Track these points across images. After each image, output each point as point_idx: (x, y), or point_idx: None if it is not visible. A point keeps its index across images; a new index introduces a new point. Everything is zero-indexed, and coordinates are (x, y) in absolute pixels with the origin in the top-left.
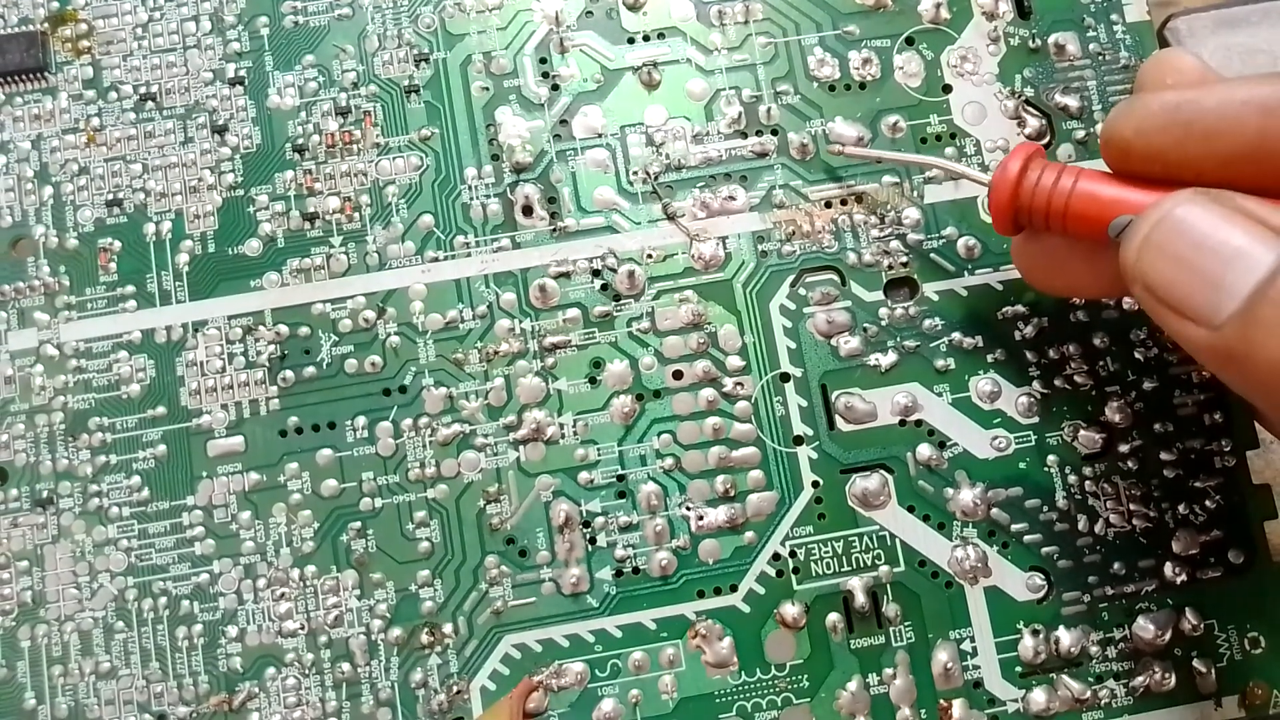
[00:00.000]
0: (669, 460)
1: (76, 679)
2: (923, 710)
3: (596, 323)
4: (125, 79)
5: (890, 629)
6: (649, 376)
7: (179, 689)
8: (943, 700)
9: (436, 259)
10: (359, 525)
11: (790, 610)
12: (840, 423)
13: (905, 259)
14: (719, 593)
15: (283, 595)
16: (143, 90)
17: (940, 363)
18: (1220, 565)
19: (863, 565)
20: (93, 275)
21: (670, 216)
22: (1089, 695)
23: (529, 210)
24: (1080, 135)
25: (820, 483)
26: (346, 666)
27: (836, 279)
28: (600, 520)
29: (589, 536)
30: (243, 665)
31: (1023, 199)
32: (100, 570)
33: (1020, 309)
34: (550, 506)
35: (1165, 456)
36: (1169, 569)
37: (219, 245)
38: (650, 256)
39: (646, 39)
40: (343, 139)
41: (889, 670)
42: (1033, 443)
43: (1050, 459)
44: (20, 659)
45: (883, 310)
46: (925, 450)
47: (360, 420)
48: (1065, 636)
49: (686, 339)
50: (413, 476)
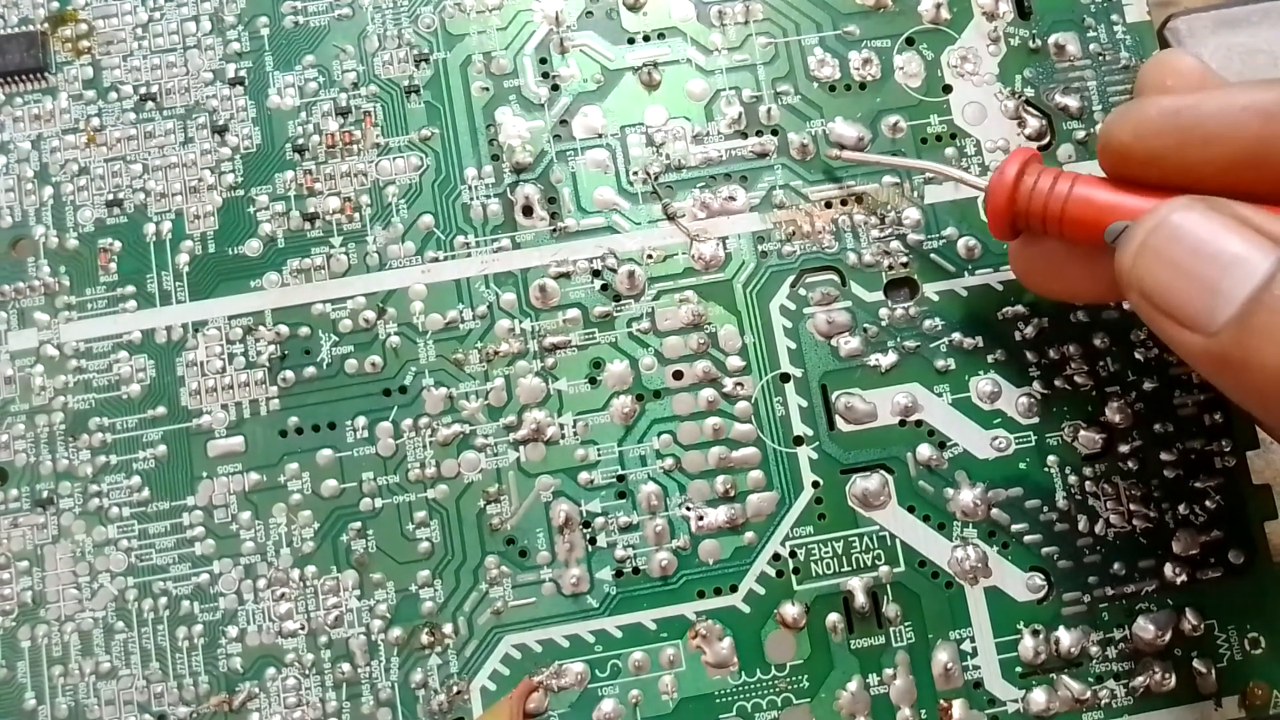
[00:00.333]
0: (669, 460)
1: (77, 679)
2: (923, 710)
3: (596, 323)
4: (125, 79)
5: (890, 629)
6: (649, 377)
7: (179, 689)
8: (943, 700)
9: (436, 259)
10: (359, 525)
11: (790, 610)
12: (840, 423)
13: (905, 259)
14: (719, 593)
15: (283, 595)
16: (143, 90)
17: (940, 363)
18: (1220, 565)
19: (863, 565)
20: (93, 275)
21: (670, 217)
22: (1089, 695)
23: (529, 210)
24: (1080, 135)
25: (820, 483)
26: (347, 667)
27: (837, 279)
28: (600, 520)
29: (589, 537)
30: (243, 665)
31: (1019, 204)
32: (100, 570)
33: (1020, 309)
34: (550, 507)
35: (1165, 457)
36: (1169, 569)
37: (219, 245)
38: (650, 257)
39: (646, 39)
40: (343, 139)
41: (889, 670)
42: (1033, 443)
43: (1050, 459)
44: (20, 659)
45: (883, 310)
46: (925, 450)
47: (360, 420)
48: (1065, 637)
49: (687, 339)
50: (413, 477)
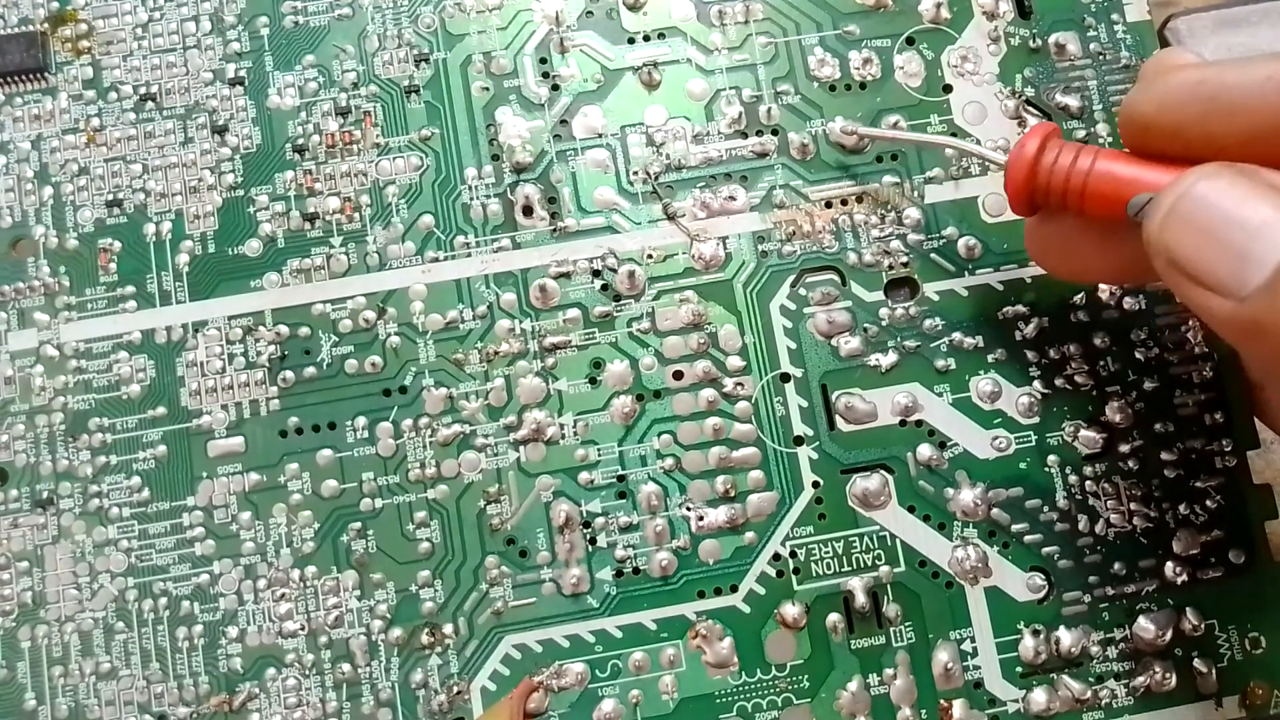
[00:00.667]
0: (669, 460)
1: (77, 680)
2: (923, 710)
3: (597, 323)
4: (125, 79)
5: (891, 629)
6: (649, 377)
7: (179, 689)
8: (943, 700)
9: (437, 259)
10: (359, 526)
11: (790, 610)
12: (840, 423)
13: (906, 259)
14: (719, 593)
15: (283, 596)
16: (143, 90)
17: (941, 363)
18: (1221, 565)
19: (863, 565)
20: (93, 276)
21: (670, 217)
22: (1089, 695)
23: (529, 210)
24: (1081, 135)
25: (820, 483)
26: (347, 667)
27: (837, 279)
28: (600, 520)
29: (589, 537)
30: (243, 666)
31: (1040, 178)
32: (100, 571)
33: (1021, 309)
34: (550, 507)
35: (1166, 456)
36: (1170, 569)
37: (219, 245)
38: (650, 257)
39: (647, 39)
40: (343, 139)
41: (889, 670)
42: (1033, 443)
43: (1051, 459)
44: (20, 660)
45: (883, 310)
46: (926, 450)
47: (360, 420)
48: (1066, 636)
49: (687, 339)
50: (413, 477)
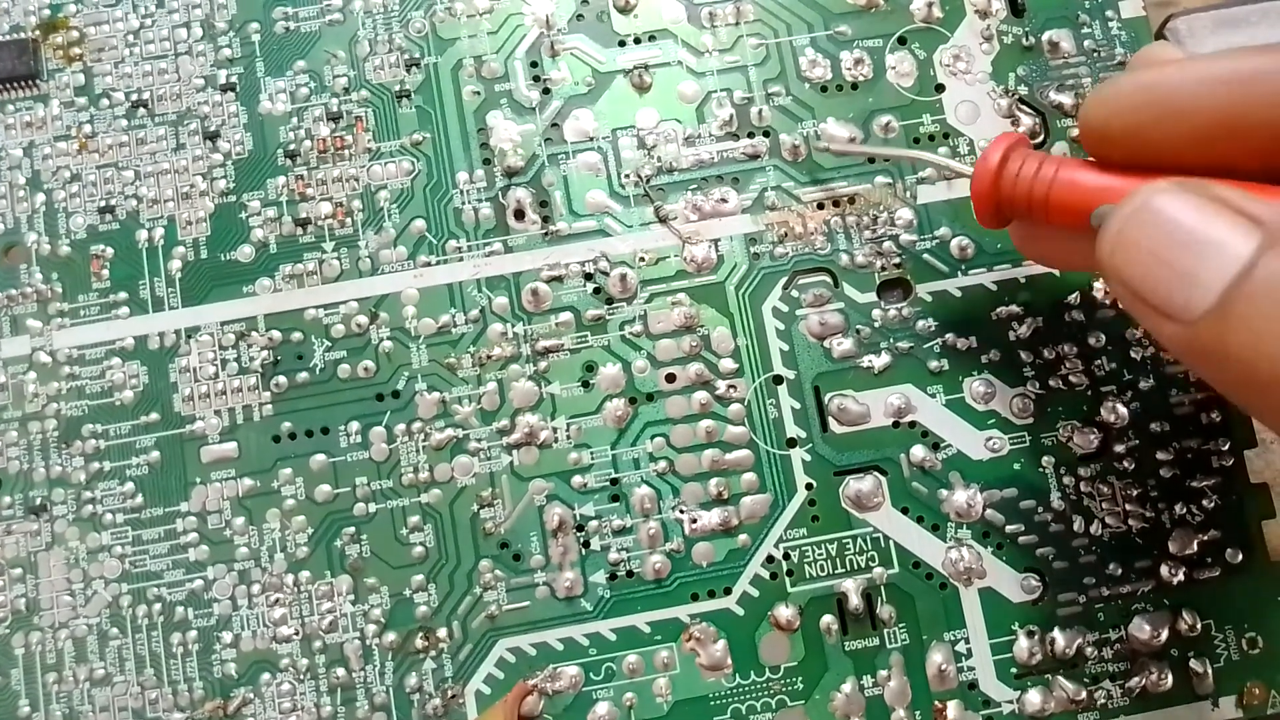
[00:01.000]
0: (662, 463)
1: (71, 686)
2: (917, 712)
3: (589, 326)
4: (117, 86)
5: (885, 631)
6: (642, 380)
7: (173, 695)
8: (937, 702)
9: (429, 263)
10: (353, 530)
11: (784, 612)
12: (833, 425)
13: (898, 260)
14: (713, 595)
15: (277, 601)
16: (134, 97)
17: (934, 364)
18: (1218, 565)
19: (857, 567)
20: (85, 282)
21: (662, 219)
22: (1084, 696)
23: (521, 214)
24: (1075, 133)
25: (814, 485)
26: (341, 671)
27: (829, 281)
28: (594, 524)
29: (583, 540)
30: (237, 671)
31: (1004, 190)
32: (94, 577)
33: (1014, 309)
34: (544, 510)
35: (1162, 456)
36: (1165, 569)
37: (211, 251)
38: (642, 259)
39: (638, 41)
40: (334, 144)
41: (883, 672)
42: (1027, 443)
43: (1045, 460)
44: (14, 666)
45: (876, 312)
46: (919, 452)
47: (353, 425)
48: (1061, 637)
49: (679, 342)
50: (406, 481)
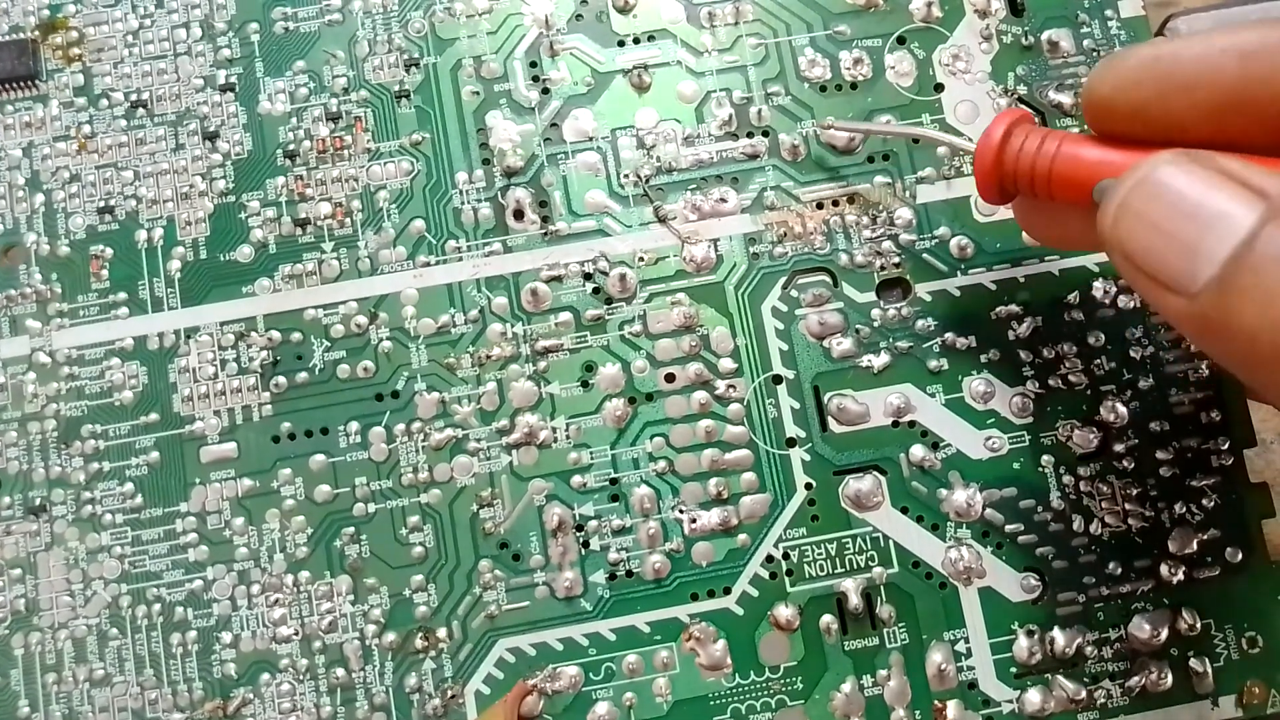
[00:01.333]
0: (662, 463)
1: (70, 686)
2: (917, 711)
3: (588, 326)
4: (116, 86)
5: (884, 630)
6: (641, 379)
7: (173, 695)
8: (937, 701)
9: (428, 264)
10: (352, 530)
11: (784, 612)
12: (833, 424)
13: (897, 260)
14: (712, 595)
15: (277, 601)
16: (134, 97)
17: (933, 363)
18: (1218, 564)
19: (856, 567)
20: (84, 282)
21: (661, 219)
22: (1084, 696)
23: (520, 214)
24: (1075, 132)
25: (813, 484)
26: (341, 672)
27: (828, 280)
28: (593, 524)
29: (582, 540)
30: (237, 671)
31: (1006, 165)
32: (94, 577)
33: (1014, 308)
34: (543, 510)
35: (1162, 455)
36: (1165, 568)
37: (211, 251)
38: (642, 259)
39: (637, 41)
40: (334, 144)
41: (883, 672)
42: (1027, 443)
43: (1045, 459)
44: (14, 666)
45: (875, 311)
46: (918, 451)
47: (353, 425)
48: (1060, 637)
49: (678, 342)
50: (406, 481)
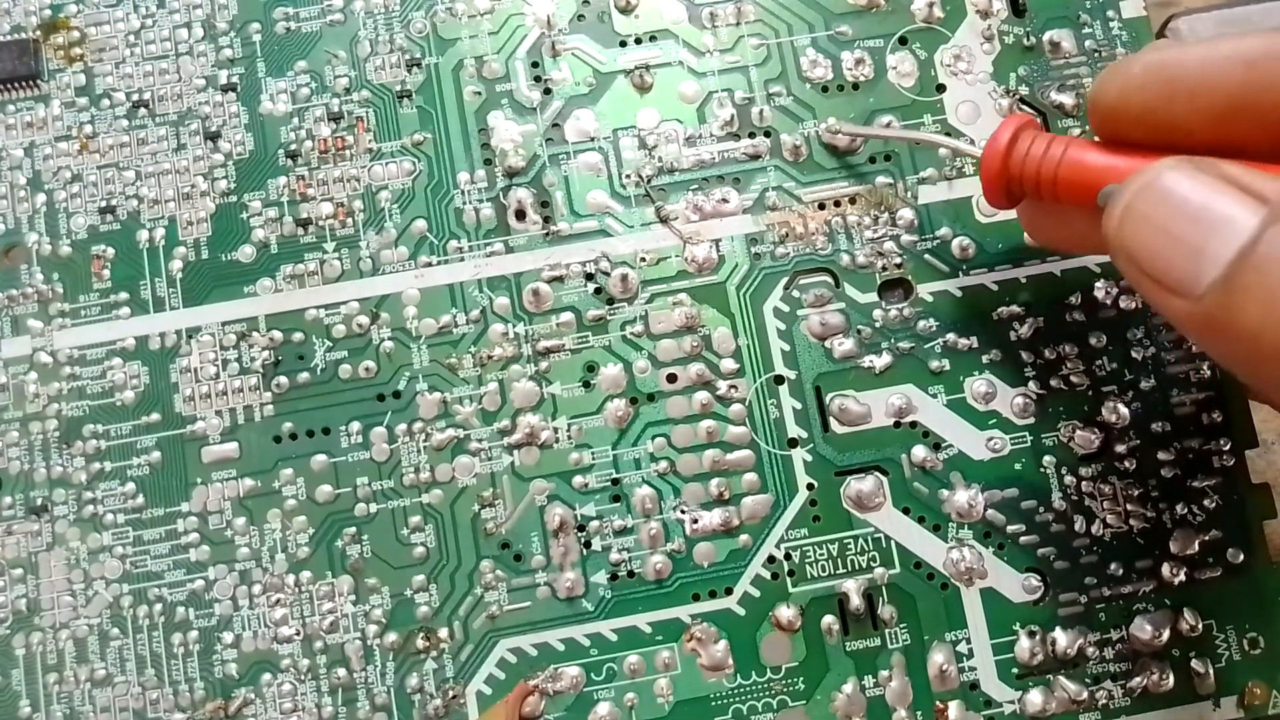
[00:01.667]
0: (663, 464)
1: (71, 686)
2: (919, 712)
3: (590, 326)
4: (118, 86)
5: (886, 631)
6: (643, 380)
7: (174, 696)
8: (939, 702)
9: (430, 264)
10: (354, 530)
11: (785, 613)
12: (834, 425)
13: (899, 260)
14: (714, 596)
15: (278, 601)
16: (135, 97)
17: (935, 364)
18: (1219, 565)
19: (858, 567)
20: (86, 282)
21: (663, 220)
22: (1086, 696)
23: (522, 214)
24: (1077, 133)
25: (815, 485)
26: (342, 672)
27: (830, 281)
28: (595, 524)
29: (584, 540)
30: (238, 671)
31: (1013, 169)
32: (95, 577)
33: (1016, 309)
34: (545, 510)
35: (1163, 456)
36: (1167, 569)
37: (212, 251)
38: (643, 260)
39: (639, 41)
40: (335, 144)
41: (885, 672)
42: (1028, 443)
43: (1046, 460)
44: (15, 667)
45: (877, 312)
46: (920, 452)
47: (354, 425)
48: (1062, 637)
49: (680, 342)
50: (407, 481)
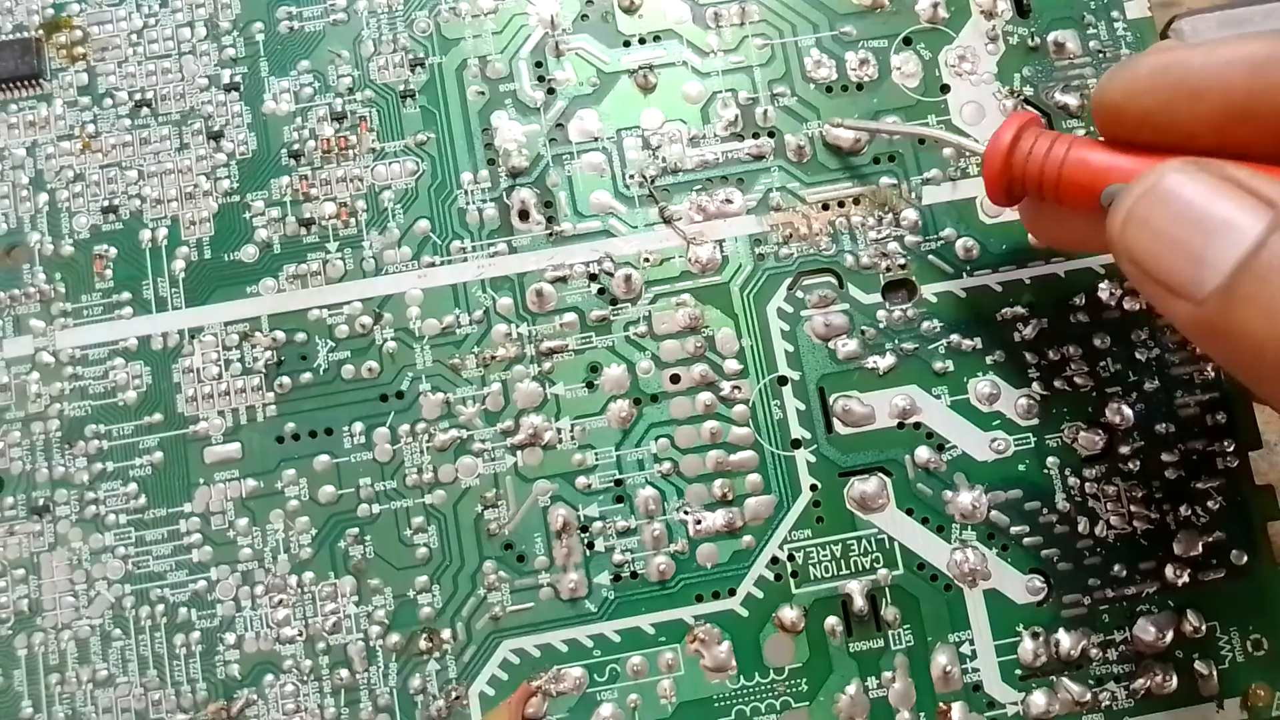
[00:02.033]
0: (666, 464)
1: (74, 687)
2: (922, 713)
3: (593, 327)
4: (120, 85)
5: (889, 632)
6: (646, 380)
7: (177, 697)
8: (942, 703)
9: (433, 264)
10: (357, 531)
11: (789, 614)
12: (838, 426)
13: (903, 261)
14: (717, 597)
15: (281, 602)
16: (138, 97)
17: (939, 365)
18: (1223, 566)
19: (861, 568)
20: (88, 282)
21: (667, 220)
22: (1089, 698)
23: (525, 215)
24: (1081, 134)
25: (818, 486)
26: (345, 673)
27: (834, 281)
28: (598, 525)
29: (587, 541)
30: (241, 672)
31: (1015, 168)
32: (97, 578)
33: (1020, 310)
34: (548, 511)
35: (1167, 458)
36: (1170, 571)
37: (215, 251)
38: (647, 260)
39: (642, 41)
40: (338, 144)
41: (888, 673)
42: (1032, 445)
43: (1050, 461)
44: (17, 667)
45: (880, 312)
46: (924, 453)
47: (357, 426)
48: (1065, 639)
49: (684, 343)
50: (410, 482)
